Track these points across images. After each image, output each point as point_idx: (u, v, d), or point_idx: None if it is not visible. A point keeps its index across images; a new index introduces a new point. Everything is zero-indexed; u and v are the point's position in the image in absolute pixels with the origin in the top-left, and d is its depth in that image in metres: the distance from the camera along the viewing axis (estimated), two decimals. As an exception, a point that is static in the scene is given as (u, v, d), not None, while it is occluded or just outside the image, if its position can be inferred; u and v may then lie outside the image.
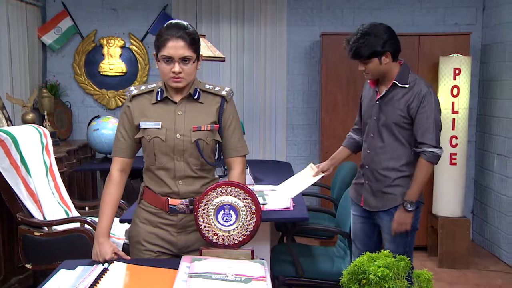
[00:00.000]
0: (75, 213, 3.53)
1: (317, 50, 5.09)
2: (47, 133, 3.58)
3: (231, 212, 1.81)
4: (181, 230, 2.02)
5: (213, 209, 1.81)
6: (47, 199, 3.32)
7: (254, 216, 1.81)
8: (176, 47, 1.89)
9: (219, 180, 2.06)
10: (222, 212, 1.81)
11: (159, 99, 2.00)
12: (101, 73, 5.19)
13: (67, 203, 3.53)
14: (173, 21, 1.97)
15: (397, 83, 2.56)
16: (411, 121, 2.55)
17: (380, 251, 1.45)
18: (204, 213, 1.81)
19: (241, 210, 1.81)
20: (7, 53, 4.35)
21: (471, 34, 4.63)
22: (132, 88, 2.05)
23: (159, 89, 2.01)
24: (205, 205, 1.81)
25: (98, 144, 4.44)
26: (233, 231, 1.81)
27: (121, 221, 2.66)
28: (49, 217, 3.23)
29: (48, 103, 4.60)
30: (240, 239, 1.82)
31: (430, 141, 2.52)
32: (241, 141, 2.08)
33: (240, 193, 1.81)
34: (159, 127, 1.97)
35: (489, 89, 4.78)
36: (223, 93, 2.03)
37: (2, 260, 3.30)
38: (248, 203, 1.81)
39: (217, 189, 1.81)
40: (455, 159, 4.31)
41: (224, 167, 3.41)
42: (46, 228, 3.14)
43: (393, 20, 4.99)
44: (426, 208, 4.53)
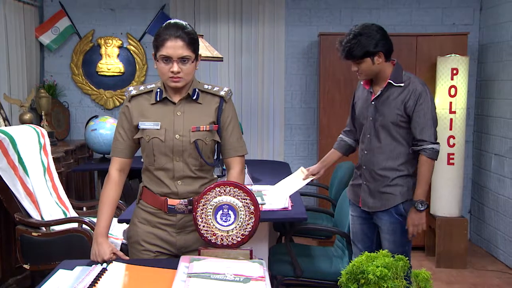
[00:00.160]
0: (73, 213, 3.53)
1: (315, 50, 5.09)
2: (45, 133, 3.57)
3: (230, 212, 1.81)
4: (180, 230, 2.02)
5: (211, 209, 1.81)
6: (45, 199, 3.32)
7: (252, 216, 1.81)
8: (174, 47, 1.89)
9: (218, 180, 2.06)
10: (220, 212, 1.81)
11: (158, 99, 2.00)
12: (99, 73, 5.18)
13: (65, 203, 3.53)
14: (172, 21, 1.96)
15: (392, 82, 2.57)
16: (408, 119, 2.56)
17: (379, 251, 1.45)
18: (202, 213, 1.81)
19: (240, 210, 1.81)
20: (5, 53, 4.34)
21: (469, 34, 4.64)
22: (131, 88, 2.04)
23: (158, 90, 2.01)
24: (203, 205, 1.81)
25: (96, 144, 4.44)
26: (232, 231, 1.81)
27: (120, 221, 2.66)
28: (47, 217, 3.22)
29: (45, 103, 4.59)
30: (238, 239, 1.82)
31: (429, 138, 2.54)
32: (240, 141, 2.08)
33: (238, 193, 1.81)
34: (158, 127, 1.96)
35: (487, 89, 4.79)
36: (222, 93, 2.03)
37: (-1, 260, 3.30)
38: (246, 203, 1.81)
39: (216, 189, 1.81)
40: (453, 159, 4.31)
41: (222, 167, 3.41)
42: (44, 228, 3.14)
43: (391, 20, 5.01)
44: (424, 208, 4.53)
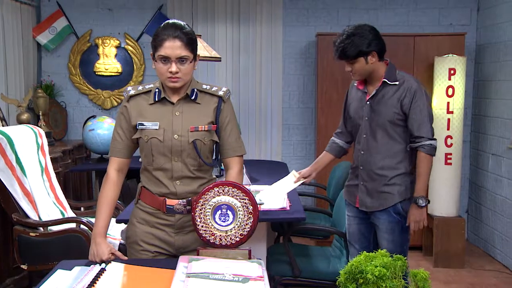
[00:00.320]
0: (70, 214, 3.52)
1: (312, 50, 5.09)
2: (43, 133, 3.56)
3: (228, 212, 1.81)
4: (179, 230, 2.02)
5: (210, 209, 1.81)
6: (43, 200, 3.31)
7: (251, 216, 1.81)
8: (173, 47, 1.89)
9: (216, 180, 2.06)
10: (219, 212, 1.81)
11: (156, 99, 1.99)
12: (96, 73, 5.17)
13: (62, 203, 3.52)
14: (170, 21, 1.96)
15: (387, 81, 2.59)
16: (404, 117, 2.58)
17: (377, 251, 1.46)
18: (201, 213, 1.81)
19: (238, 210, 1.81)
20: (2, 53, 4.33)
21: (466, 34, 4.65)
22: (129, 88, 2.04)
23: (157, 90, 2.01)
24: (202, 205, 1.81)
25: (93, 144, 4.43)
26: (230, 231, 1.81)
27: (118, 222, 2.66)
28: (44, 218, 3.22)
29: (43, 103, 4.58)
30: (237, 239, 1.82)
31: (426, 134, 2.56)
32: (239, 141, 2.08)
33: (237, 193, 1.81)
34: (157, 127, 1.96)
35: (484, 89, 4.80)
36: (220, 93, 2.03)
37: (-3, 260, 3.29)
38: (245, 203, 1.81)
39: (215, 189, 1.81)
40: (450, 159, 4.32)
41: (220, 167, 3.41)
42: (41, 228, 3.13)
43: (388, 20, 5.02)
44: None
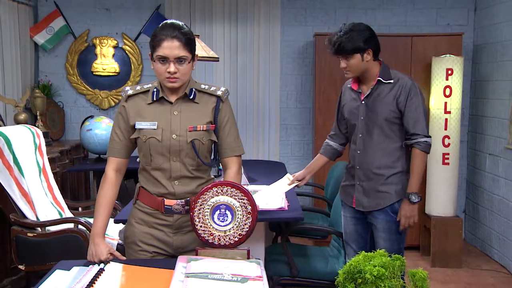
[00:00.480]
0: (68, 214, 3.52)
1: (310, 50, 5.10)
2: (40, 133, 3.56)
3: (227, 212, 1.81)
4: (177, 230, 2.02)
5: (209, 209, 1.81)
6: (40, 200, 3.31)
7: (250, 216, 1.81)
8: (171, 47, 1.89)
9: (215, 180, 2.06)
10: (218, 212, 1.81)
11: (154, 99, 1.99)
12: (94, 73, 5.16)
13: (60, 203, 3.52)
14: (168, 21, 1.96)
15: (382, 79, 2.61)
16: (400, 115, 2.60)
17: (375, 251, 1.46)
18: (200, 213, 1.81)
19: (237, 210, 1.81)
20: (-1, 53, 4.33)
21: (463, 34, 4.66)
22: (127, 88, 2.04)
23: (155, 89, 2.01)
24: (201, 205, 1.81)
25: (91, 144, 4.43)
26: (229, 231, 1.81)
27: (116, 222, 2.65)
28: (42, 218, 3.21)
29: (40, 103, 4.58)
30: (236, 239, 1.82)
31: (422, 131, 2.58)
32: (237, 141, 2.08)
33: (236, 193, 1.81)
34: (155, 127, 1.96)
35: (481, 89, 4.81)
36: (219, 93, 2.03)
37: (-6, 261, 3.29)
38: (244, 203, 1.81)
39: (213, 189, 1.81)
40: (448, 159, 4.33)
41: (218, 167, 3.40)
42: (39, 229, 3.13)
43: (386, 20, 5.03)
44: (419, 207, 4.52)
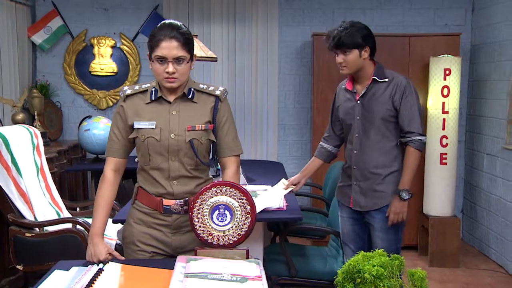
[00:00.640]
0: (66, 214, 3.51)
1: (308, 50, 5.10)
2: (38, 133, 3.55)
3: (226, 212, 1.81)
4: (176, 230, 2.02)
5: (208, 209, 1.81)
6: (38, 200, 3.30)
7: (249, 216, 1.82)
8: (169, 48, 1.89)
9: (213, 180, 2.06)
10: (217, 212, 1.81)
11: (153, 98, 1.99)
12: (92, 73, 5.15)
13: (58, 203, 3.51)
14: (167, 21, 1.96)
15: (377, 78, 2.62)
16: (396, 113, 2.62)
17: (373, 250, 1.46)
18: (199, 213, 1.81)
19: (236, 210, 1.81)
20: (-3, 52, 4.32)
21: (461, 34, 4.67)
22: (126, 88, 2.04)
23: (153, 89, 2.01)
24: (200, 205, 1.81)
25: (89, 144, 4.42)
26: (228, 231, 1.81)
27: (114, 222, 2.65)
28: (40, 218, 3.20)
29: (38, 103, 4.56)
30: (235, 239, 1.82)
31: (417, 130, 2.60)
32: (236, 140, 2.08)
33: (235, 193, 1.81)
34: (154, 127, 1.96)
35: (479, 89, 4.82)
36: (217, 92, 2.03)
37: (-8, 261, 3.28)
38: (243, 203, 1.81)
39: (212, 189, 1.81)
40: (445, 158, 4.34)
41: (216, 167, 3.40)
42: (37, 229, 3.12)
43: (383, 20, 5.04)
44: (416, 207, 4.56)
